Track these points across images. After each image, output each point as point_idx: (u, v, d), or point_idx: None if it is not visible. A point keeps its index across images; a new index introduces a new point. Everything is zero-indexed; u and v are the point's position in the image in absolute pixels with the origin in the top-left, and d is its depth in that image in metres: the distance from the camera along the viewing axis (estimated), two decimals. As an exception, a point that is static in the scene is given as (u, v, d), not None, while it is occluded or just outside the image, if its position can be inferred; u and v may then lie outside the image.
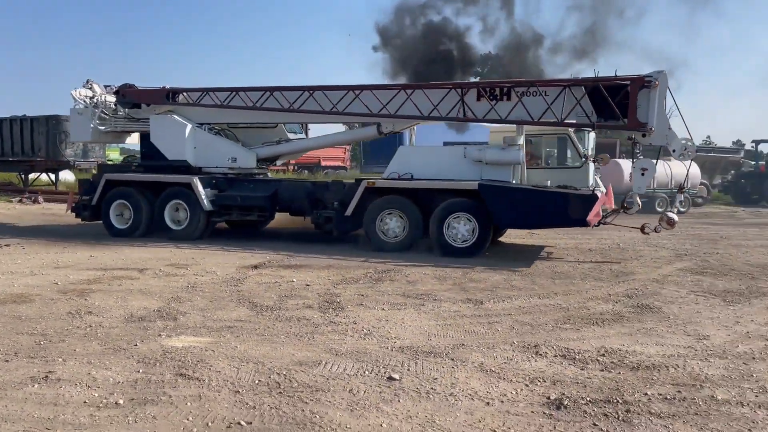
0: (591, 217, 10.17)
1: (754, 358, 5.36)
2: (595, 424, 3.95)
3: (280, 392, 4.34)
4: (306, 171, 31.52)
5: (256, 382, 4.53)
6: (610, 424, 3.96)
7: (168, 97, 12.91)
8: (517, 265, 9.83)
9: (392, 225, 11.11)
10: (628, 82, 10.01)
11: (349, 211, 11.30)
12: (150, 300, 7.06)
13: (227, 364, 4.89)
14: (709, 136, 51.87)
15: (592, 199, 10.36)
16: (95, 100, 13.40)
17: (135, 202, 12.55)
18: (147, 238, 12.22)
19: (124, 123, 13.73)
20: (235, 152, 12.97)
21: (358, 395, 4.32)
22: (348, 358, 5.09)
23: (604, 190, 11.97)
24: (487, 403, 4.24)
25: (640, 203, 10.70)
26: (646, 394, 4.46)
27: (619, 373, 4.93)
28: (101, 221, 12.89)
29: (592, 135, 15.44)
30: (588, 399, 4.34)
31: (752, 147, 31.17)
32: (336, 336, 5.75)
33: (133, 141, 15.13)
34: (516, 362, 5.13)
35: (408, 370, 4.86)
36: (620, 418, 4.04)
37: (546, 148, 12.59)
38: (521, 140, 10.96)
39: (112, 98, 13.46)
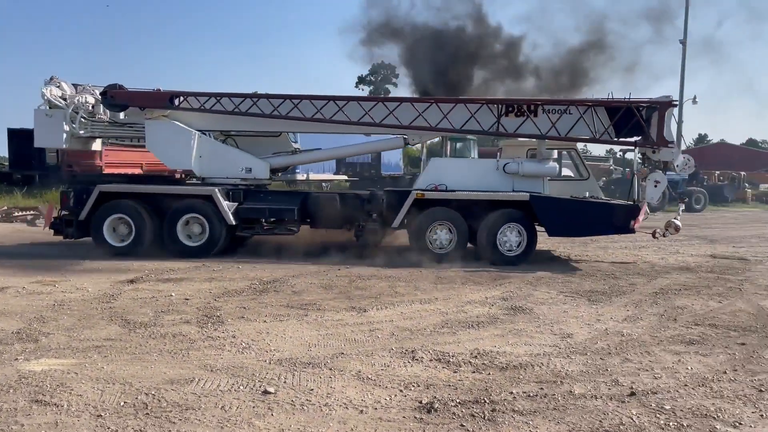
0: (635, 225, 11.11)
1: (609, 353, 5.80)
2: (462, 425, 4.12)
3: (147, 413, 4.17)
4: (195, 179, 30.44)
5: (122, 404, 4.32)
6: (476, 424, 4.14)
7: (171, 101, 11.73)
8: (403, 271, 10.01)
9: (442, 236, 11.19)
10: (657, 105, 11.11)
11: (396, 223, 11.26)
12: (8, 321, 6.53)
13: (91, 387, 4.62)
14: (585, 146, 55.35)
15: (635, 209, 11.25)
16: (76, 101, 11.87)
17: (136, 216, 11.17)
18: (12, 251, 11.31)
19: (103, 128, 12.36)
20: (249, 162, 11.98)
21: (230, 412, 4.23)
22: (223, 374, 4.97)
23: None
24: (361, 411, 4.30)
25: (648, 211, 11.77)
26: (511, 392, 4.71)
27: (489, 373, 5.17)
28: (88, 238, 11.39)
29: (475, 144, 15.91)
30: (458, 401, 4.51)
31: (620, 155, 33.85)
32: (213, 351, 5.60)
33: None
34: (393, 368, 5.23)
35: (284, 382, 4.83)
36: (486, 418, 4.24)
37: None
38: (555, 154, 11.89)
39: (90, 99, 12.09)
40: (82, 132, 12.00)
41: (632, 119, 11.12)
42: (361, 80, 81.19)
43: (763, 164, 54.34)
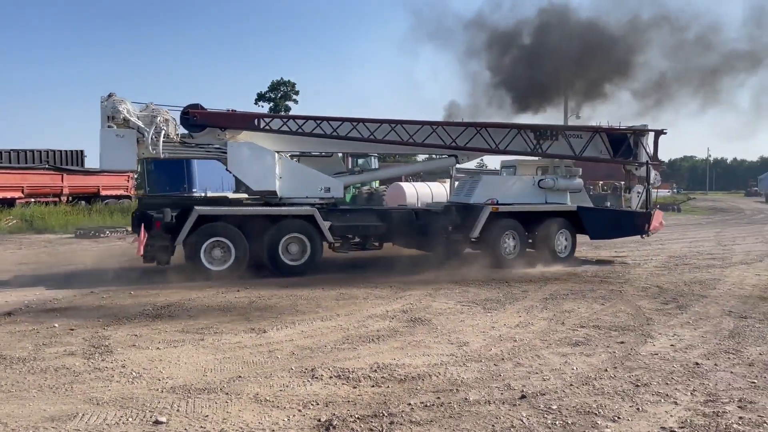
0: (651, 228, 13.89)
1: (503, 359, 6.04)
2: (360, 440, 4.13)
3: (23, 456, 3.87)
4: (83, 201, 28.70)
5: (-6, 448, 3.99)
6: (374, 438, 4.17)
7: (254, 122, 11.82)
8: (303, 289, 9.93)
9: (510, 243, 12.84)
10: (653, 132, 14.03)
11: (475, 234, 12.52)
12: None
13: (-42, 432, 4.23)
14: (482, 159, 57.25)
15: (650, 215, 13.86)
16: (158, 121, 11.26)
17: (235, 238, 11.02)
18: None
19: (173, 148, 11.75)
20: (327, 182, 12.28)
21: (117, 446, 4.02)
22: (110, 407, 4.71)
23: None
24: (258, 435, 4.21)
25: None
26: (409, 404, 4.78)
27: (388, 386, 5.23)
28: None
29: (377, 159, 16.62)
30: (357, 416, 4.53)
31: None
32: (99, 383, 5.29)
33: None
34: (292, 388, 5.17)
35: (178, 410, 4.64)
36: (384, 431, 4.28)
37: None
38: (580, 171, 14.20)
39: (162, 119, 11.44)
40: (155, 152, 11.32)
41: (625, 143, 13.88)
42: (261, 97, 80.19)
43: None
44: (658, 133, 14.10)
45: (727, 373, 5.60)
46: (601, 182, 40.32)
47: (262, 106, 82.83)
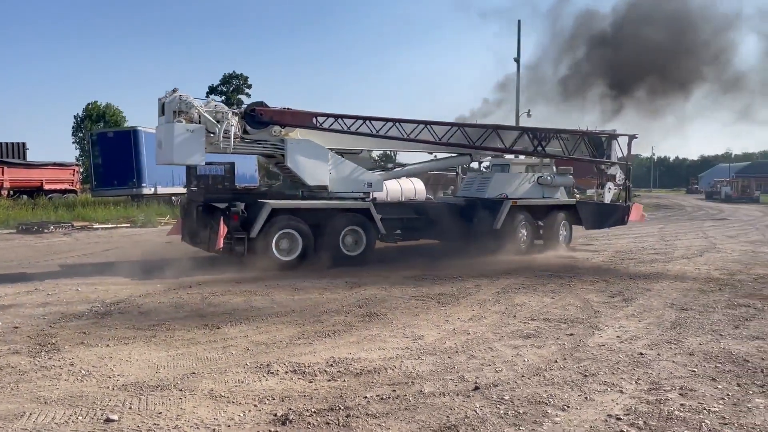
0: (630, 218, 15.81)
1: (456, 352, 6.15)
2: (317, 434, 4.15)
3: (-33, 457, 3.74)
4: (25, 196, 27.66)
5: (-65, 450, 3.84)
6: None
7: (313, 120, 12.28)
8: (258, 285, 9.86)
9: (523, 233, 14.32)
10: (628, 136, 15.73)
11: (498, 225, 13.77)
12: None
13: None
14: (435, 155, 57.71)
15: (629, 208, 15.80)
16: (229, 117, 11.59)
17: (302, 230, 11.65)
18: None
19: (235, 144, 11.83)
20: (370, 178, 13.17)
21: (67, 445, 3.93)
22: (59, 405, 4.59)
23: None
24: (213, 430, 4.18)
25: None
26: (365, 397, 4.83)
27: (344, 380, 5.26)
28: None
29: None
30: (313, 410, 4.54)
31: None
32: (47, 382, 5.15)
33: None
34: (247, 384, 5.15)
35: (130, 408, 4.56)
36: (341, 424, 4.31)
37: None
38: (571, 170, 16.61)
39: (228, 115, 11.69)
40: (224, 148, 11.66)
41: (604, 145, 15.78)
42: (212, 90, 78.93)
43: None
44: (631, 137, 15.87)
45: (669, 363, 5.85)
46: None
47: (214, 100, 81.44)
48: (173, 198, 30.78)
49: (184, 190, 33.09)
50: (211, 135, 11.49)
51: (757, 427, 4.32)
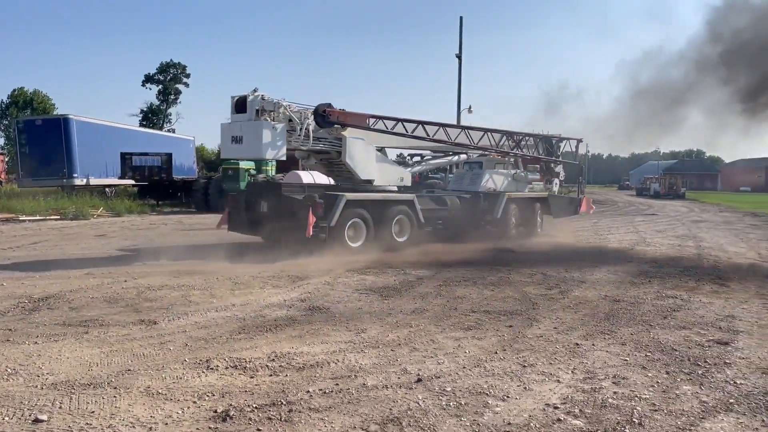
0: (581, 210, 19.08)
1: (399, 344, 6.18)
2: (259, 429, 4.09)
3: None
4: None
5: None
6: (273, 427, 4.14)
7: (369, 121, 13.72)
8: (196, 279, 9.63)
9: (513, 221, 16.58)
10: (577, 140, 18.95)
11: (497, 215, 16.08)
12: None
13: None
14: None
15: (580, 201, 19.12)
16: (309, 116, 12.81)
17: (366, 219, 13.03)
18: None
19: (303, 141, 12.95)
20: (402, 173, 14.96)
21: (-9, 448, 3.72)
22: (-18, 407, 4.34)
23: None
24: (150, 429, 4.05)
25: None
26: (308, 391, 4.79)
27: (286, 375, 5.20)
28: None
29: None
30: (254, 406, 4.47)
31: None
32: (-32, 382, 4.86)
33: None
34: (186, 380, 5.01)
35: (60, 407, 4.36)
36: (283, 419, 4.26)
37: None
38: (539, 167, 18.54)
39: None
40: (304, 145, 12.93)
41: (554, 147, 18.66)
42: (148, 79, 76.44)
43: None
44: (578, 140, 18.99)
45: (603, 352, 6.06)
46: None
47: (150, 88, 78.97)
48: (107, 189, 29.70)
49: (119, 181, 32.08)
50: (291, 132, 12.58)
51: (685, 413, 4.53)
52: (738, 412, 4.56)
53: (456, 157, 17.85)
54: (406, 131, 14.38)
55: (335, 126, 13.27)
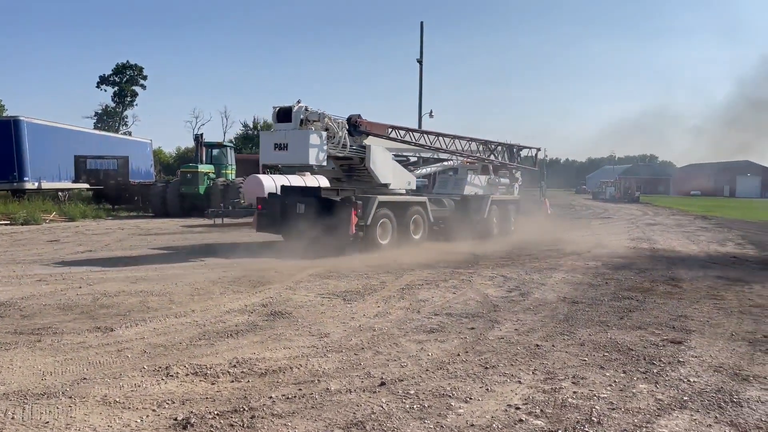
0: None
1: (362, 348, 6.17)
2: (220, 437, 4.02)
3: None
4: None
5: None
6: (235, 434, 4.08)
7: (389, 131, 15.24)
8: (154, 285, 9.43)
9: (495, 221, 18.57)
10: (536, 149, 22.21)
11: (484, 216, 17.90)
12: None
13: None
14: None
15: (543, 203, 23.99)
16: (338, 125, 13.78)
17: (392, 219, 14.35)
18: None
19: (340, 149, 13.96)
20: (410, 177, 16.24)
21: (-63, 463, 3.57)
22: (-73, 420, 4.16)
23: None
24: (107, 439, 3.95)
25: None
26: (270, 397, 4.74)
27: (248, 381, 5.13)
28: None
29: (232, 150, 18.61)
30: (216, 412, 4.40)
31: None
32: None
33: None
34: (144, 388, 4.90)
35: (12, 418, 4.22)
36: (245, 426, 4.20)
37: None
38: (507, 173, 20.70)
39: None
40: (342, 152, 13.98)
41: (516, 155, 20.92)
42: (103, 80, 74.76)
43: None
44: (537, 149, 22.18)
45: (563, 353, 6.18)
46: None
47: (105, 90, 77.14)
48: (60, 193, 28.86)
49: (73, 185, 31.21)
50: (331, 139, 13.61)
51: (641, 411, 4.64)
52: (692, 409, 4.71)
53: (449, 162, 19.26)
54: (413, 140, 16.08)
55: (365, 134, 14.55)
